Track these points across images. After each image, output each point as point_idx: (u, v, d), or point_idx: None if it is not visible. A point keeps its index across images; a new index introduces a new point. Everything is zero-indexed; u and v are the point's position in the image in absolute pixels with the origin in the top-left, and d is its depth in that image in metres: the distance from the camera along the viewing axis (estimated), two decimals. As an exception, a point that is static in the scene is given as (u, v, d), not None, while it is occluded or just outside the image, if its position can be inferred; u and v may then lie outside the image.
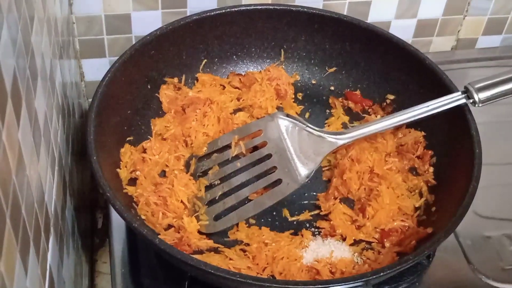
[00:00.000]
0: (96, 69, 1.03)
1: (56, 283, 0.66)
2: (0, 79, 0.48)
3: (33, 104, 0.61)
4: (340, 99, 1.02)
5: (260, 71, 1.02)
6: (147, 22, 1.00)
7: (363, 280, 0.69)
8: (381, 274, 0.70)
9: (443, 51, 1.19)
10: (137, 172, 0.86)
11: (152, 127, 0.92)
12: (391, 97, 0.99)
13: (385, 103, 0.99)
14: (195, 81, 0.99)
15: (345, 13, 1.07)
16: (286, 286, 0.69)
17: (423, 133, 0.93)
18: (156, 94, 0.95)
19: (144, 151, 0.88)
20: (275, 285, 0.70)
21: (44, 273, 0.61)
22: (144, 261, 0.83)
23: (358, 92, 1.01)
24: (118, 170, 0.84)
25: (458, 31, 1.18)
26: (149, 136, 0.91)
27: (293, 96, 1.02)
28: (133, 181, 0.85)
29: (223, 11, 0.96)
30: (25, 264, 0.53)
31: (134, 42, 0.94)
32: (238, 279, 0.68)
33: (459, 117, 0.87)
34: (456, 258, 0.86)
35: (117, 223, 0.85)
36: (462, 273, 0.84)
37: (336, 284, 0.70)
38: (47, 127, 0.68)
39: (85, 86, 1.06)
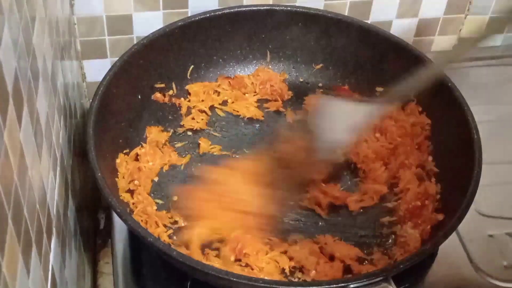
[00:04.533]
0: (97, 70, 1.03)
1: (59, 284, 0.66)
2: (1, 80, 0.48)
3: (35, 105, 0.61)
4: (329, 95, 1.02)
5: (248, 75, 1.02)
6: (148, 23, 1.00)
7: (384, 274, 0.70)
8: (401, 266, 0.71)
9: (445, 50, 1.19)
10: (135, 182, 0.86)
11: (147, 135, 0.93)
12: (380, 89, 0.99)
13: (374, 96, 0.99)
14: (186, 92, 0.99)
15: (346, 13, 1.07)
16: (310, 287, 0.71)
17: (429, 120, 0.93)
18: (147, 103, 0.95)
19: (138, 158, 0.89)
20: (299, 287, 0.73)
21: (47, 274, 0.61)
22: (146, 261, 0.83)
23: (346, 87, 1.01)
24: (116, 179, 0.84)
25: (460, 30, 1.17)
26: (142, 143, 0.91)
27: (290, 94, 1.02)
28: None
29: (207, 15, 0.97)
30: (28, 265, 0.53)
31: (135, 43, 0.94)
32: (261, 285, 0.69)
33: (452, 105, 0.88)
34: (459, 257, 0.86)
35: (119, 223, 0.85)
36: (464, 272, 0.84)
37: (358, 281, 0.70)
38: (49, 128, 0.68)
39: (86, 87, 1.06)
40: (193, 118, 0.97)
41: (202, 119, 0.97)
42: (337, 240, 0.83)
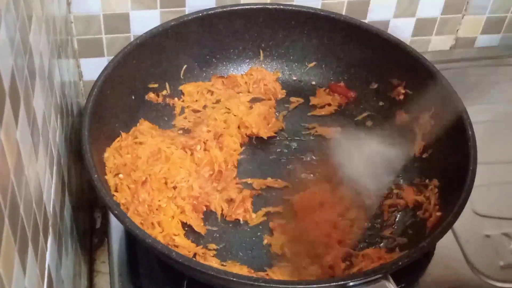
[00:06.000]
0: (94, 69, 1.02)
1: (55, 283, 0.66)
2: (-2, 79, 0.48)
3: (32, 104, 0.61)
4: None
5: (242, 75, 1.02)
6: (145, 21, 0.99)
7: (382, 271, 0.70)
8: (399, 263, 0.71)
9: (442, 50, 1.19)
10: (120, 175, 0.84)
11: (138, 126, 0.92)
12: (375, 85, 0.99)
13: (370, 93, 1.00)
14: (180, 92, 0.99)
15: (343, 13, 1.07)
16: (309, 286, 0.71)
17: None
18: (141, 104, 0.94)
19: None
20: (298, 285, 0.72)
21: (43, 272, 0.61)
22: (143, 260, 0.83)
23: (342, 84, 1.02)
24: (106, 176, 0.83)
25: (457, 30, 1.17)
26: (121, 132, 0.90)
27: (284, 92, 1.03)
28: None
29: (200, 14, 0.96)
30: (24, 264, 0.53)
31: (128, 43, 0.94)
32: (261, 284, 0.69)
33: (446, 102, 0.89)
34: (455, 257, 0.86)
35: (116, 222, 0.85)
36: (461, 272, 0.84)
37: (357, 279, 0.70)
38: (46, 126, 0.68)
39: (83, 86, 1.06)
40: (185, 118, 0.97)
41: (194, 118, 0.97)
42: None
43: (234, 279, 0.68)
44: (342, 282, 0.69)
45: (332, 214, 0.85)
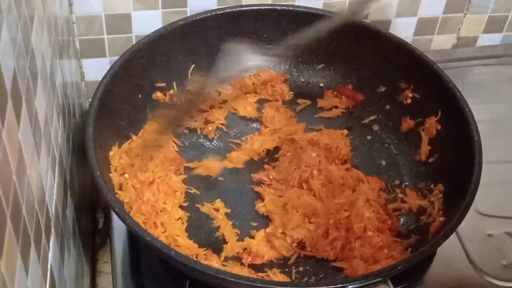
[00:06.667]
0: (96, 69, 1.03)
1: (57, 283, 0.66)
2: (0, 79, 0.48)
3: (34, 104, 0.61)
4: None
5: (250, 75, 1.02)
6: (147, 22, 1.00)
7: (382, 275, 0.70)
8: (399, 268, 0.71)
9: (443, 49, 1.19)
10: (126, 175, 0.85)
11: (146, 128, 0.92)
12: (383, 88, 0.99)
13: (377, 96, 1.00)
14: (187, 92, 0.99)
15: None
16: None
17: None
18: (148, 102, 0.95)
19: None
20: (296, 287, 0.73)
21: (45, 273, 0.61)
22: (145, 260, 0.83)
23: (350, 86, 1.02)
24: (110, 175, 0.83)
25: (459, 29, 1.17)
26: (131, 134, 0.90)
27: (291, 94, 1.02)
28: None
29: (208, 14, 0.96)
30: (26, 264, 0.53)
31: (134, 42, 0.94)
32: (259, 285, 0.69)
33: (453, 106, 0.88)
34: (458, 256, 0.86)
35: (118, 222, 0.85)
36: (463, 272, 0.84)
37: (356, 282, 0.69)
38: (48, 127, 0.68)
39: (85, 86, 1.06)
40: (191, 117, 0.97)
41: (200, 118, 0.97)
42: None
43: (232, 279, 0.68)
44: (341, 285, 0.69)
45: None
